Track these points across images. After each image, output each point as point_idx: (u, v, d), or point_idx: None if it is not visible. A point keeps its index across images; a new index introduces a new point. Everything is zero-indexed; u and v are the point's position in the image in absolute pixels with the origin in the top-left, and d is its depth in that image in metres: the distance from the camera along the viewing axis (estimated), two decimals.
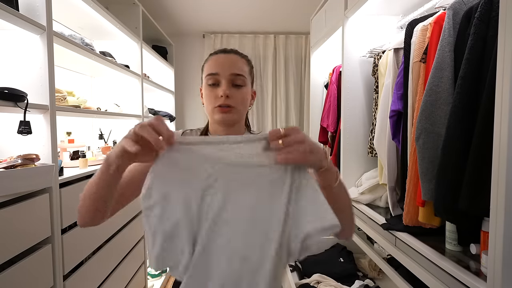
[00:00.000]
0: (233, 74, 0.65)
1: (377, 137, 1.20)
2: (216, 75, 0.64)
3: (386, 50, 1.23)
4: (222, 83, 0.64)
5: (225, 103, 0.63)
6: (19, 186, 0.79)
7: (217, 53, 0.68)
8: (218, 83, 0.65)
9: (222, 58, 0.66)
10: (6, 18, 0.83)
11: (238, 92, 0.65)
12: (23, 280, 0.82)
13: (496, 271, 0.60)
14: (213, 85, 0.65)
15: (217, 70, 0.64)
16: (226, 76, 0.64)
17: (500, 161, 0.59)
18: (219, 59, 0.66)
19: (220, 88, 0.64)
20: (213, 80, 0.65)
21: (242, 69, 0.66)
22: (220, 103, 0.63)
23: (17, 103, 0.83)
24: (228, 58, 0.66)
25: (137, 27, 1.80)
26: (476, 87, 0.72)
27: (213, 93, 0.65)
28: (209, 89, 0.65)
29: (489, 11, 0.71)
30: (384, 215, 1.16)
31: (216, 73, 0.64)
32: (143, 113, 1.84)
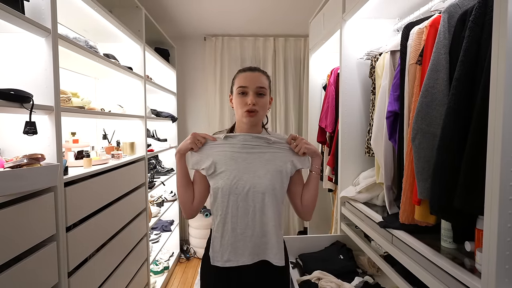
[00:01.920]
0: (258, 87, 0.87)
1: (374, 137, 1.21)
2: (246, 87, 0.87)
3: (383, 53, 1.24)
4: (250, 94, 0.87)
5: (251, 108, 0.86)
6: (25, 185, 0.80)
7: (246, 70, 0.90)
8: (247, 93, 0.87)
9: (249, 75, 0.89)
10: (12, 21, 0.84)
11: (261, 100, 0.88)
12: (29, 276, 0.83)
13: (490, 268, 0.61)
14: (243, 94, 0.88)
15: (246, 84, 0.87)
16: (253, 88, 0.87)
17: (494, 160, 0.60)
18: (247, 75, 0.89)
19: (248, 97, 0.87)
20: (243, 91, 0.88)
21: (264, 83, 0.89)
22: (248, 108, 0.86)
23: (23, 104, 0.83)
24: (254, 75, 0.89)
25: (140, 30, 1.82)
26: (471, 88, 0.73)
27: (243, 101, 0.87)
28: (240, 98, 0.88)
29: (484, 15, 0.72)
30: (381, 214, 1.17)
31: (246, 86, 0.87)
32: (146, 114, 1.86)
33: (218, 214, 0.87)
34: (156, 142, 2.37)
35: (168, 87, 2.54)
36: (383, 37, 1.38)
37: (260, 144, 0.89)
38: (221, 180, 0.85)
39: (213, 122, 2.89)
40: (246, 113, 0.86)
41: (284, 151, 0.91)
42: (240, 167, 0.86)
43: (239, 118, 0.90)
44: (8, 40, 0.96)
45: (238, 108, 0.88)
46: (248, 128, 0.90)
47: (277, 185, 0.86)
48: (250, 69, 0.91)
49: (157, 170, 2.42)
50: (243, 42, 2.86)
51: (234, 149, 0.88)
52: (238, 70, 0.93)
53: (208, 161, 0.87)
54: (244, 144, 0.88)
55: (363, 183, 1.34)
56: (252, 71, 0.90)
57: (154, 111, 2.31)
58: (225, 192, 0.85)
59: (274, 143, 0.89)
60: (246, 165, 0.86)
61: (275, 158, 0.89)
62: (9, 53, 0.96)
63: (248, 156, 0.88)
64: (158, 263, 2.23)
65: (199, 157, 0.89)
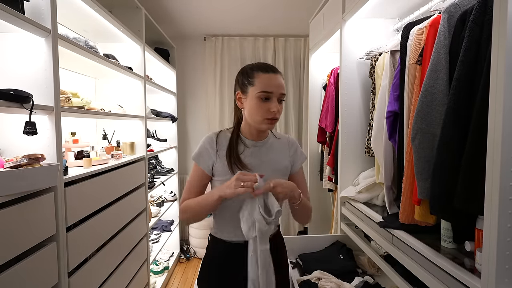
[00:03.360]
0: (281, 94, 0.82)
1: (374, 137, 1.21)
2: (270, 93, 0.80)
3: (382, 53, 1.24)
4: (273, 100, 0.80)
5: (275, 117, 0.81)
6: (25, 185, 0.80)
7: (268, 71, 0.81)
8: (269, 99, 0.80)
9: (273, 78, 0.81)
10: (12, 21, 0.84)
11: (281, 108, 0.83)
12: (29, 276, 0.82)
13: (490, 268, 0.61)
14: (265, 100, 0.80)
15: (271, 89, 0.80)
16: (277, 95, 0.81)
17: (494, 160, 0.60)
18: (271, 78, 0.81)
19: (272, 104, 0.80)
20: (266, 96, 0.80)
21: (285, 89, 0.84)
22: (271, 116, 0.80)
23: (23, 104, 0.83)
24: (278, 79, 0.82)
25: (140, 30, 1.81)
26: (471, 88, 0.73)
27: (265, 107, 0.80)
28: (261, 103, 0.80)
29: (483, 14, 0.72)
30: (381, 214, 1.17)
31: (271, 92, 0.80)
32: (146, 114, 1.86)
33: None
34: (156, 142, 2.37)
35: (168, 87, 2.54)
36: (383, 37, 1.38)
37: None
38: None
39: (213, 122, 2.89)
40: (268, 121, 0.80)
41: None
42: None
43: (256, 123, 0.83)
44: (8, 40, 0.96)
45: (257, 114, 0.81)
46: (257, 133, 0.87)
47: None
48: (272, 70, 0.82)
49: (157, 170, 2.42)
50: (243, 42, 2.86)
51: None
52: (255, 67, 0.83)
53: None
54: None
55: (363, 183, 1.34)
56: (274, 72, 0.82)
57: (154, 111, 2.31)
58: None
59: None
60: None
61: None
62: (9, 53, 0.96)
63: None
64: (158, 263, 2.23)
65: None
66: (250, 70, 0.83)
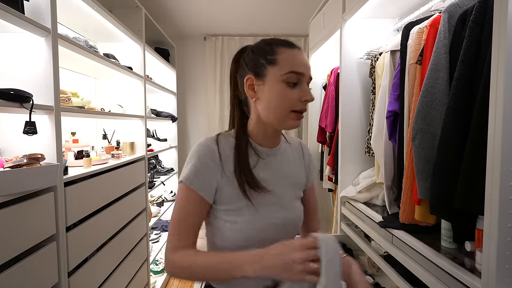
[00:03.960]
0: (310, 78, 0.58)
1: (374, 137, 1.20)
2: (301, 75, 0.56)
3: (383, 52, 1.24)
4: (303, 86, 0.56)
5: (304, 108, 0.57)
6: (24, 185, 0.80)
7: (292, 46, 0.58)
8: (299, 83, 0.56)
9: (301, 56, 0.57)
10: (12, 21, 0.84)
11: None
12: (29, 276, 0.82)
13: (490, 268, 0.61)
14: (294, 85, 0.56)
15: (302, 70, 0.56)
16: (307, 79, 0.57)
17: (494, 160, 0.60)
18: (299, 57, 0.57)
19: (305, 90, 0.56)
20: (296, 79, 0.56)
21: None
22: (301, 107, 0.56)
23: (23, 104, 0.83)
24: (304, 57, 0.58)
25: (140, 30, 1.81)
26: (471, 88, 0.73)
27: (294, 95, 0.56)
28: (289, 89, 0.56)
29: (484, 14, 0.71)
30: (381, 213, 1.17)
31: (302, 73, 0.56)
32: (146, 114, 1.86)
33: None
34: (156, 142, 2.37)
35: (168, 87, 2.54)
36: (383, 37, 1.38)
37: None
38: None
39: (213, 122, 2.89)
40: (296, 115, 0.57)
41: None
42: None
43: (278, 119, 0.58)
44: (8, 40, 0.96)
45: (282, 104, 0.56)
46: (275, 135, 0.63)
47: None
48: (294, 45, 0.58)
49: (157, 170, 2.42)
50: (243, 41, 2.86)
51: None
52: (274, 42, 0.58)
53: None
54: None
55: (363, 183, 1.33)
56: (298, 49, 0.58)
57: (154, 111, 2.31)
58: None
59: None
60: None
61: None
62: (9, 53, 0.96)
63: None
64: (158, 263, 2.23)
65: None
66: (268, 45, 0.58)
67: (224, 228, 0.58)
